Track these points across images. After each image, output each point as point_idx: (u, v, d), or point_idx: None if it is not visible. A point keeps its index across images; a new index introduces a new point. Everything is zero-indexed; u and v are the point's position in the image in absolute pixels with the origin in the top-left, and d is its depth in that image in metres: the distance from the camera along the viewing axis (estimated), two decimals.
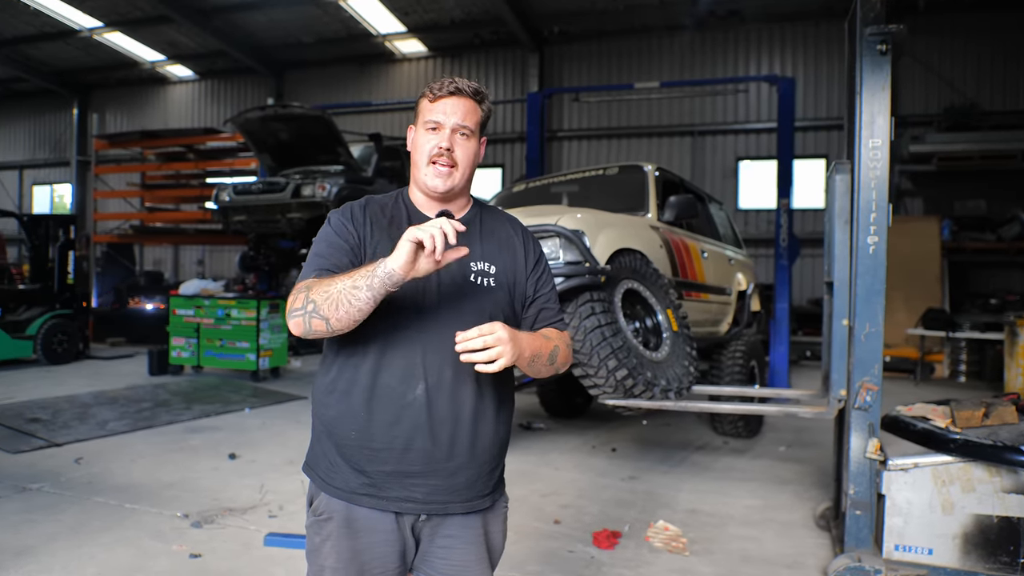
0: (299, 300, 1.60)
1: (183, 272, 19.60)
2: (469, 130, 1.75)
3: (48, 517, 4.24)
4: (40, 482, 4.91)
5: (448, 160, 1.73)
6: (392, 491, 1.69)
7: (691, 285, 5.72)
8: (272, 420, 7.23)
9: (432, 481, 1.70)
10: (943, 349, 11.60)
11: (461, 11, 15.15)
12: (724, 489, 5.18)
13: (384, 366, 1.68)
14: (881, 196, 3.51)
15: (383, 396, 1.67)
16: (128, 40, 17.49)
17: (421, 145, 1.75)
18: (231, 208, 9.62)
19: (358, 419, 1.69)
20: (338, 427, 1.71)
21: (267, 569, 3.59)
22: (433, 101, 1.74)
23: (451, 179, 1.74)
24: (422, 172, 1.75)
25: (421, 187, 1.78)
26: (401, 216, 1.78)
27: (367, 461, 1.69)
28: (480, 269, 1.76)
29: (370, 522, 1.70)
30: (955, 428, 3.47)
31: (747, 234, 13.67)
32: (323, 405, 1.75)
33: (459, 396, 1.70)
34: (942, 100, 13.58)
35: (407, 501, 1.70)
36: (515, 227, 1.91)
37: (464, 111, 1.74)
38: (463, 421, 1.70)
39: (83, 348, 11.47)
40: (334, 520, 1.71)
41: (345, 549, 1.70)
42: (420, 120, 1.77)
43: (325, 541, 1.72)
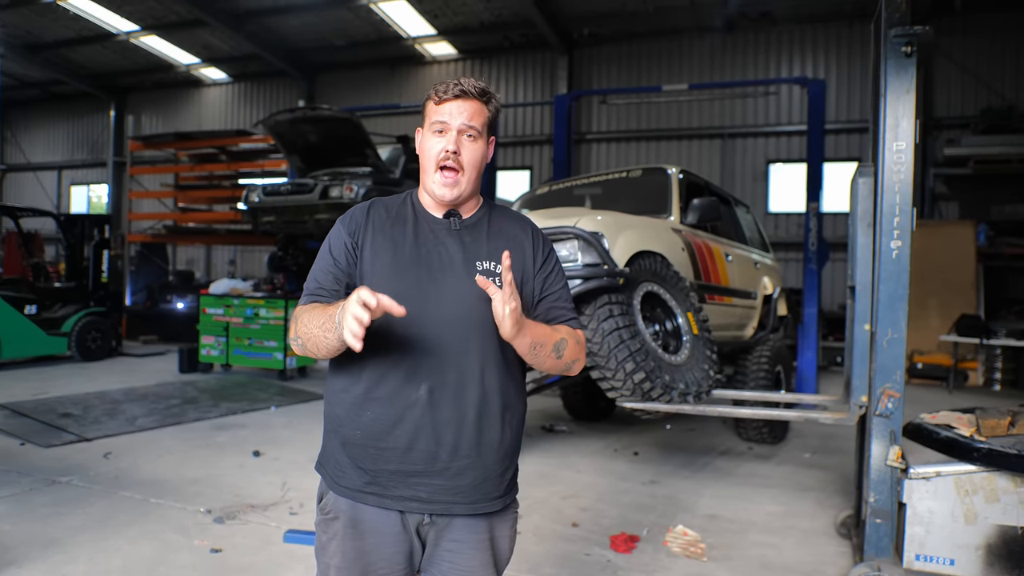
0: (292, 331, 1.70)
1: (215, 272, 19.89)
2: (476, 131, 1.73)
3: (76, 510, 4.33)
4: (69, 475, 5.02)
5: (455, 163, 1.72)
6: (396, 490, 1.69)
7: (714, 288, 5.68)
8: (297, 419, 7.31)
9: (436, 481, 1.69)
10: (977, 356, 11.36)
11: (490, 14, 15.20)
12: (746, 495, 5.13)
13: (388, 367, 1.68)
14: (905, 200, 3.45)
15: (386, 396, 1.68)
16: (164, 43, 17.83)
17: (428, 149, 1.75)
18: (260, 209, 9.74)
19: (362, 418, 1.70)
20: (344, 426, 1.73)
21: (286, 565, 3.63)
22: (439, 103, 1.74)
23: (458, 187, 1.74)
24: (430, 179, 1.75)
25: (430, 194, 1.77)
26: (407, 216, 1.79)
27: (371, 460, 1.70)
28: (486, 269, 1.74)
29: (375, 523, 1.71)
30: (980, 437, 3.40)
31: (776, 238, 13.53)
32: (332, 404, 1.78)
33: (463, 397, 1.69)
34: (979, 102, 13.31)
35: (412, 500, 1.70)
36: (524, 226, 1.89)
37: (470, 112, 1.73)
38: (467, 422, 1.69)
39: (116, 345, 11.70)
40: (340, 519, 1.73)
41: (350, 549, 1.71)
42: (427, 123, 1.76)
43: (331, 540, 1.74)
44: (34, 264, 11.91)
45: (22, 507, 4.35)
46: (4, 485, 4.76)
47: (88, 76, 20.22)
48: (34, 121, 23.30)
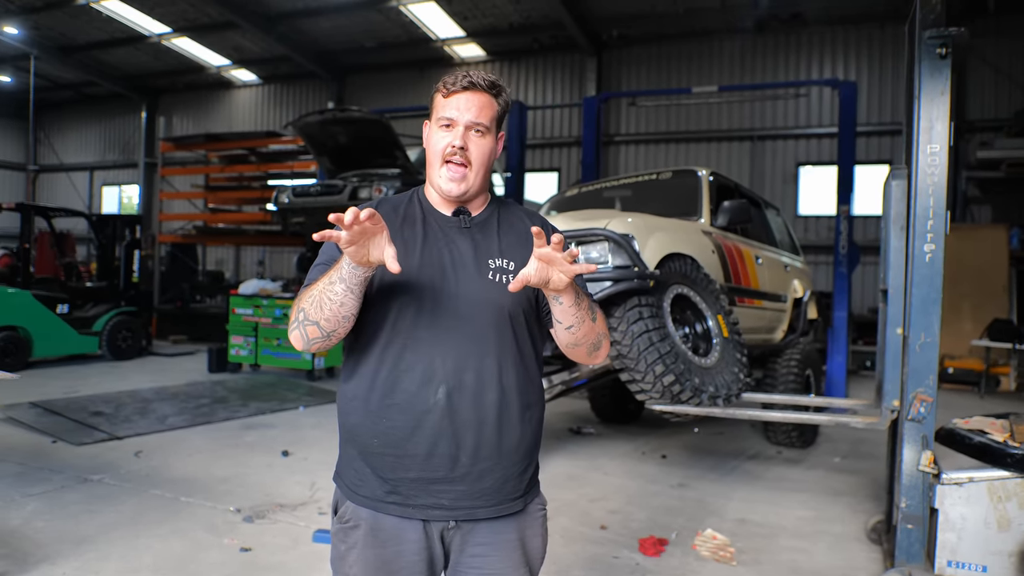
0: (293, 313, 1.59)
1: (244, 272, 20.10)
2: (484, 127, 1.67)
3: (108, 507, 4.40)
4: (101, 473, 5.10)
5: (461, 159, 1.66)
6: (418, 498, 1.64)
7: (744, 291, 5.64)
8: (326, 419, 7.36)
9: (458, 487, 1.64)
10: (1010, 361, 11.16)
11: (520, 16, 15.21)
12: (775, 499, 5.09)
13: (403, 370, 1.62)
14: (939, 203, 3.42)
15: (403, 401, 1.62)
16: (195, 45, 18.07)
17: (434, 143, 1.68)
18: (290, 210, 9.83)
19: (379, 425, 1.64)
20: (360, 434, 1.67)
21: (315, 564, 3.66)
22: (447, 96, 1.68)
23: (465, 181, 1.68)
24: (436, 173, 1.69)
25: (436, 188, 1.71)
26: (415, 214, 1.73)
27: (390, 468, 1.64)
28: (498, 266, 1.69)
29: (397, 531, 1.65)
30: (1013, 443, 3.36)
31: (807, 240, 13.39)
32: (345, 412, 1.71)
33: (482, 399, 1.63)
34: (1013, 104, 13.07)
35: (434, 508, 1.65)
36: (534, 221, 1.81)
37: (479, 107, 1.67)
38: (487, 425, 1.64)
39: (146, 345, 11.86)
40: (361, 528, 1.67)
41: (372, 558, 1.65)
42: (433, 116, 1.71)
43: (351, 549, 1.68)
44: (66, 264, 12.12)
45: (54, 504, 4.42)
46: (37, 483, 4.84)
47: (120, 77, 20.55)
48: (67, 122, 23.73)
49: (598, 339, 1.71)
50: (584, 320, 1.63)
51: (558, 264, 1.47)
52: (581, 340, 1.67)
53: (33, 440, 5.98)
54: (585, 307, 1.63)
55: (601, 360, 1.78)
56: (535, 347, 1.76)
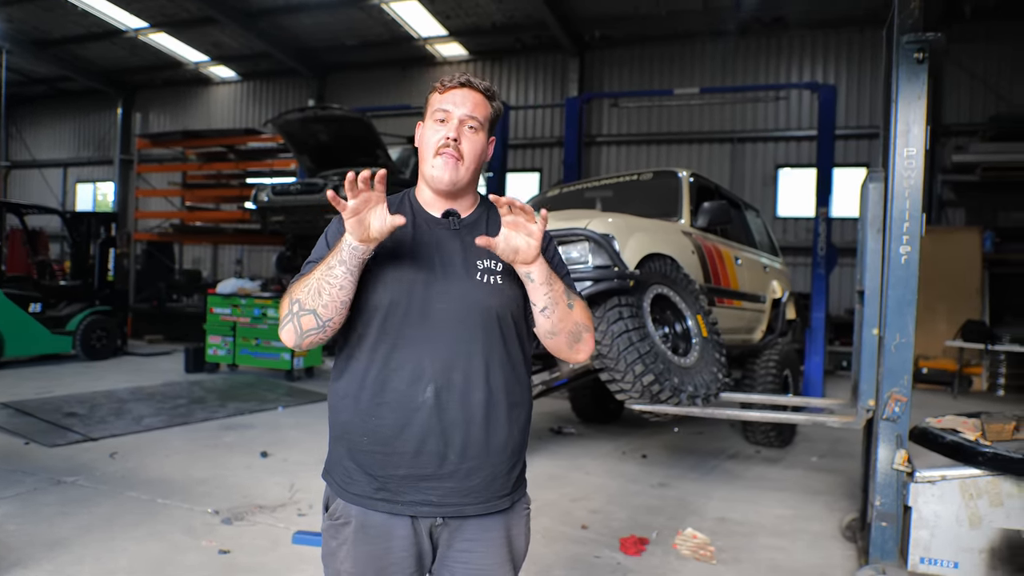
0: (284, 306, 1.63)
1: (221, 271, 19.94)
2: (478, 123, 1.71)
3: (82, 510, 4.34)
4: (75, 475, 5.03)
5: (455, 151, 1.68)
6: (407, 495, 1.67)
7: (724, 291, 5.68)
8: (305, 419, 7.33)
9: (447, 484, 1.67)
10: (982, 362, 11.34)
11: (503, 15, 15.20)
12: (755, 498, 5.13)
13: (392, 369, 1.65)
14: (915, 206, 3.47)
15: (392, 400, 1.65)
16: (173, 41, 17.86)
17: (428, 137, 1.72)
18: (269, 208, 9.77)
19: (368, 424, 1.66)
20: (350, 432, 1.70)
21: (295, 566, 3.64)
22: (443, 92, 1.73)
23: (457, 171, 1.69)
24: (428, 164, 1.71)
25: (428, 180, 1.74)
26: (406, 215, 1.70)
27: (380, 466, 1.67)
28: (487, 267, 1.71)
29: (386, 527, 1.68)
30: (985, 441, 3.41)
31: (785, 242, 13.51)
32: (336, 410, 1.74)
33: (470, 398, 1.66)
34: (987, 109, 13.28)
35: (423, 504, 1.67)
36: None
37: (473, 103, 1.71)
38: (475, 423, 1.66)
39: (121, 344, 11.70)
40: (351, 525, 1.70)
41: (362, 554, 1.68)
42: (428, 112, 1.75)
43: (341, 546, 1.71)
44: (39, 262, 11.95)
45: (27, 507, 4.35)
46: (9, 485, 4.76)
47: (96, 73, 20.27)
48: (40, 118, 23.31)
49: (577, 329, 1.72)
50: (559, 303, 1.66)
51: (523, 227, 1.57)
52: (558, 327, 1.69)
53: (5, 442, 5.88)
54: (559, 291, 1.66)
55: (584, 356, 1.79)
56: (523, 348, 1.77)
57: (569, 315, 1.69)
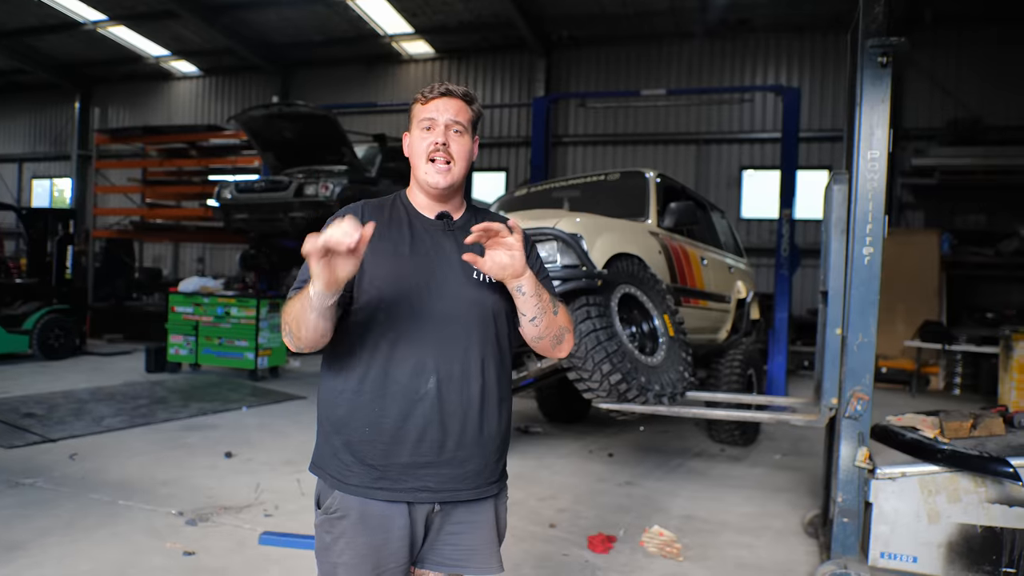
0: (282, 322, 1.72)
1: (183, 269, 19.62)
2: (462, 126, 1.82)
3: (42, 512, 4.25)
4: (34, 477, 4.92)
5: (444, 154, 1.79)
6: (407, 482, 1.75)
7: (690, 291, 5.74)
8: (270, 419, 7.24)
9: (444, 471, 1.76)
10: (939, 362, 11.62)
11: (470, 14, 15.17)
12: (720, 496, 5.19)
13: (394, 363, 1.74)
14: (878, 208, 3.52)
15: (395, 392, 1.73)
16: (133, 34, 17.53)
17: (417, 145, 1.83)
18: (233, 206, 9.61)
19: (371, 416, 1.74)
20: (350, 425, 1.76)
21: (262, 567, 3.60)
22: (425, 103, 1.82)
23: (450, 174, 1.81)
24: (422, 171, 1.81)
25: (422, 186, 1.84)
26: (401, 217, 1.85)
27: (381, 455, 1.74)
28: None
29: (385, 518, 1.75)
30: (943, 439, 3.49)
31: (749, 243, 13.68)
32: (332, 405, 1.81)
33: (467, 389, 1.77)
34: (946, 113, 13.57)
35: (421, 491, 1.76)
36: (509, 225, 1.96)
37: (456, 108, 1.81)
38: (471, 413, 1.77)
39: (80, 344, 11.46)
40: (349, 517, 1.76)
41: (362, 545, 1.75)
42: (414, 122, 1.85)
43: (338, 538, 1.77)
44: None
45: None
46: None
47: (53, 66, 19.79)
48: None
49: (560, 332, 1.86)
50: (546, 312, 1.79)
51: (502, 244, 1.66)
52: (544, 332, 1.82)
53: None
54: (547, 300, 1.79)
55: (566, 352, 1.92)
56: (511, 345, 1.90)
57: (554, 321, 1.82)
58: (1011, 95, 13.37)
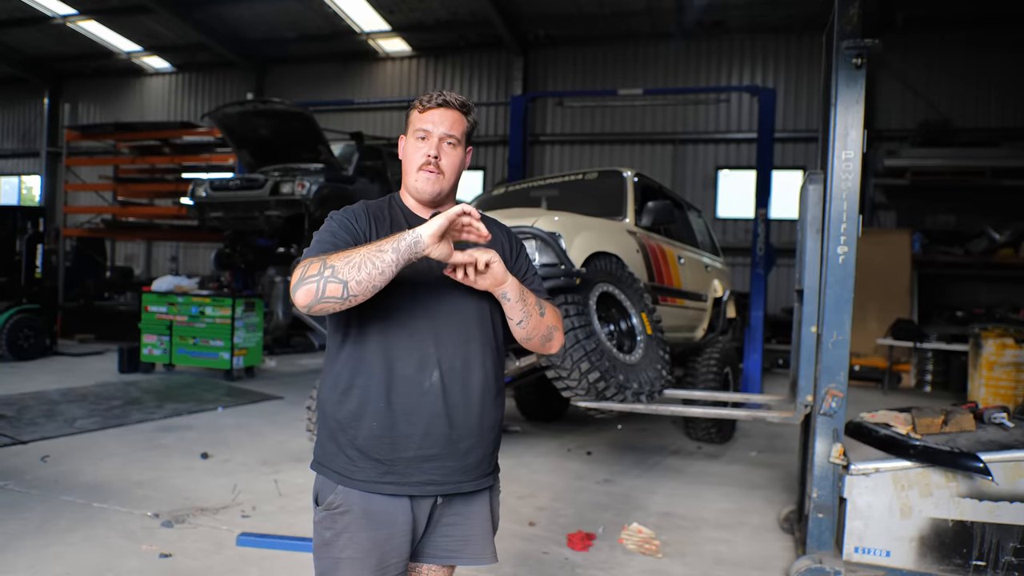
0: (314, 267, 1.61)
1: (156, 268, 19.37)
2: (456, 139, 1.86)
3: (13, 516, 4.18)
4: (5, 480, 4.84)
5: (435, 167, 1.84)
6: (413, 476, 1.78)
7: (667, 290, 5.77)
8: (246, 420, 7.18)
9: (448, 463, 1.80)
10: (911, 359, 11.79)
11: (447, 11, 15.11)
12: (698, 493, 5.24)
13: (397, 358, 1.77)
14: (852, 207, 3.57)
15: (401, 386, 1.77)
16: (104, 29, 17.25)
17: (411, 154, 1.87)
18: (207, 204, 9.51)
19: (378, 411, 1.77)
20: (355, 422, 1.79)
21: (240, 569, 3.57)
22: (423, 112, 1.86)
23: (438, 184, 1.86)
24: (412, 178, 1.87)
25: (412, 193, 1.90)
26: (400, 219, 1.89)
27: (388, 450, 1.77)
28: None
29: (389, 513, 1.78)
30: (916, 435, 3.56)
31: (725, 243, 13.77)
32: (335, 404, 1.82)
33: (470, 382, 1.82)
34: (917, 115, 13.79)
35: (427, 484, 1.80)
36: (499, 226, 2.07)
37: (451, 121, 1.85)
38: (473, 405, 1.82)
39: (51, 344, 11.29)
40: (352, 511, 1.78)
41: (365, 539, 1.77)
42: (410, 129, 1.89)
43: (341, 533, 1.79)
44: None
45: None
46: None
47: (21, 60, 19.42)
48: None
49: (549, 331, 1.92)
50: (531, 315, 1.85)
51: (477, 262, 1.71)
52: (532, 334, 1.88)
53: None
54: (532, 303, 1.85)
55: (556, 348, 1.98)
56: (505, 339, 1.94)
57: (541, 322, 1.89)
58: (980, 97, 13.64)
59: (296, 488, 4.89)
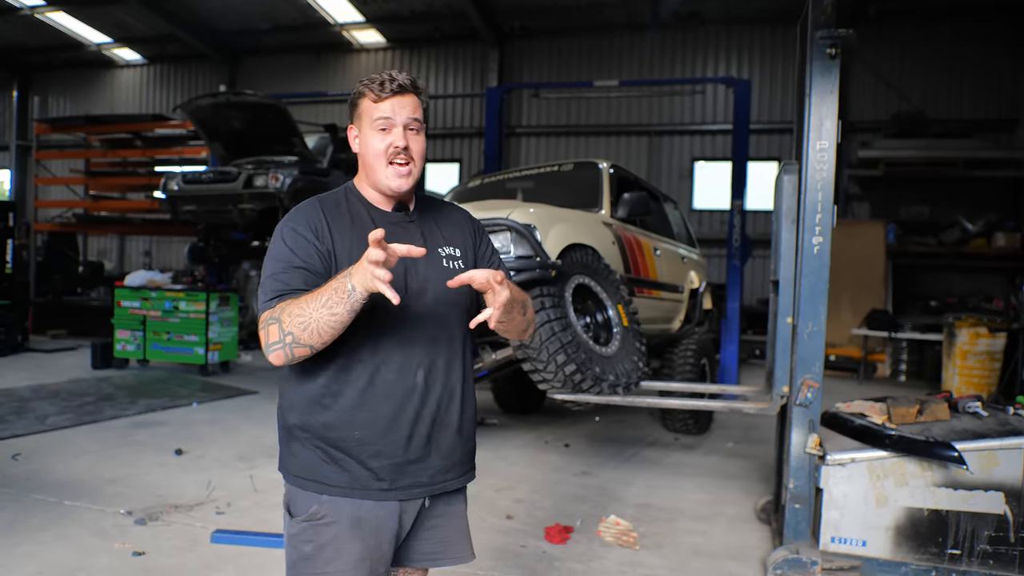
0: (274, 334, 1.58)
1: (129, 263, 19.10)
2: (419, 124, 1.77)
3: None
4: None
5: (405, 157, 1.75)
6: (401, 480, 1.73)
7: (643, 282, 5.78)
8: (221, 415, 7.11)
9: (435, 463, 1.77)
10: (885, 349, 11.93)
11: (422, 3, 14.98)
12: (674, 484, 5.25)
13: (380, 362, 1.71)
14: (827, 198, 3.58)
15: (383, 391, 1.70)
16: (73, 20, 16.89)
17: (374, 146, 1.75)
18: (180, 198, 9.39)
19: (359, 418, 1.69)
20: (336, 430, 1.70)
21: (215, 566, 3.53)
22: (379, 101, 1.74)
23: (411, 177, 1.77)
24: (382, 174, 1.76)
25: (382, 189, 1.79)
26: (362, 214, 1.79)
27: (373, 456, 1.70)
28: (448, 254, 1.83)
29: (378, 520, 1.72)
30: (891, 424, 3.58)
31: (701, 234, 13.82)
32: (308, 412, 1.73)
33: (451, 376, 1.78)
34: (890, 107, 13.88)
35: (415, 487, 1.75)
36: (460, 211, 2.01)
37: (412, 106, 1.76)
38: (454, 402, 1.79)
39: (22, 340, 11.13)
40: (340, 522, 1.70)
41: (357, 549, 1.70)
42: (366, 120, 1.76)
43: (324, 547, 1.69)
44: None
45: None
46: None
47: None
48: None
49: (525, 325, 1.90)
50: (514, 318, 1.80)
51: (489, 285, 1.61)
52: (511, 328, 1.84)
53: None
54: (518, 309, 1.80)
55: (528, 336, 1.98)
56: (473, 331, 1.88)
57: (522, 320, 1.85)
58: (953, 89, 13.78)
59: (272, 483, 4.84)
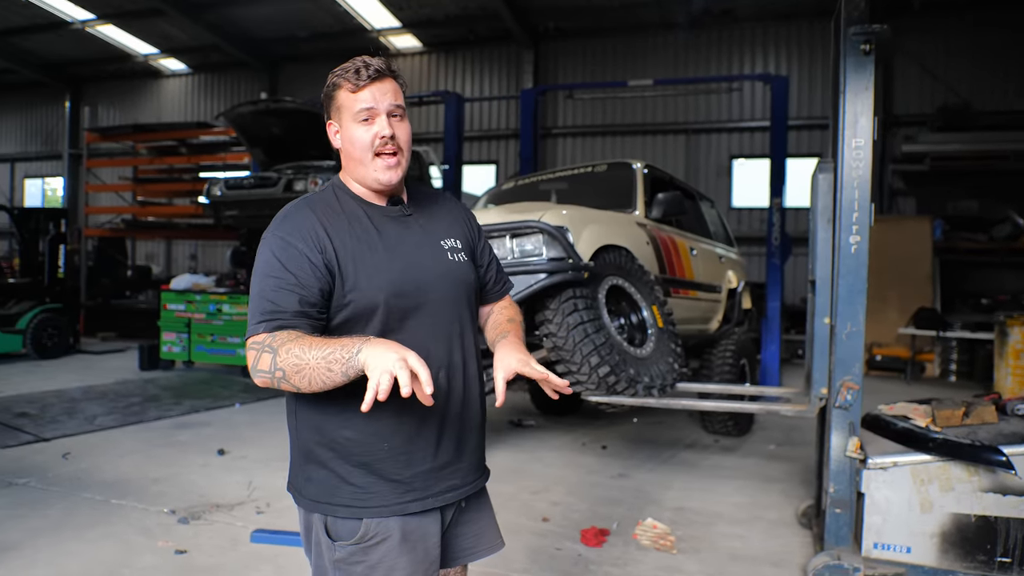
0: (264, 362, 1.49)
1: (175, 267, 19.56)
2: (402, 110, 1.68)
3: (34, 512, 4.24)
4: (27, 477, 4.91)
5: (392, 147, 1.66)
6: (435, 487, 1.68)
7: (679, 282, 5.73)
8: (262, 416, 7.23)
9: (463, 463, 1.74)
10: (934, 348, 11.63)
11: (456, 6, 15.10)
12: (712, 487, 5.19)
13: None
14: (863, 196, 3.51)
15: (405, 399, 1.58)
16: (120, 33, 17.42)
17: (359, 138, 1.65)
18: (222, 203, 9.60)
19: (387, 430, 1.62)
20: (362, 446, 1.63)
21: (254, 565, 3.59)
22: (357, 91, 1.63)
23: (400, 168, 1.68)
24: (370, 168, 1.66)
25: (370, 183, 1.69)
26: (358, 212, 1.69)
27: (404, 466, 1.64)
28: (451, 246, 1.77)
29: (424, 530, 1.66)
30: (935, 427, 3.48)
31: (740, 232, 13.68)
32: (327, 430, 1.66)
33: (467, 373, 1.73)
34: (936, 99, 13.57)
35: (449, 491, 1.71)
36: (452, 200, 1.94)
37: (393, 91, 1.66)
38: (472, 395, 1.75)
39: (73, 342, 11.45)
40: (391, 539, 1.62)
41: (406, 564, 1.62)
42: (346, 113, 1.66)
43: (376, 566, 1.61)
44: None
45: None
46: None
47: (41, 65, 19.69)
48: None
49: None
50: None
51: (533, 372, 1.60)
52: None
53: None
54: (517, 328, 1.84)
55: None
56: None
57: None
58: (1000, 80, 13.38)
59: None
